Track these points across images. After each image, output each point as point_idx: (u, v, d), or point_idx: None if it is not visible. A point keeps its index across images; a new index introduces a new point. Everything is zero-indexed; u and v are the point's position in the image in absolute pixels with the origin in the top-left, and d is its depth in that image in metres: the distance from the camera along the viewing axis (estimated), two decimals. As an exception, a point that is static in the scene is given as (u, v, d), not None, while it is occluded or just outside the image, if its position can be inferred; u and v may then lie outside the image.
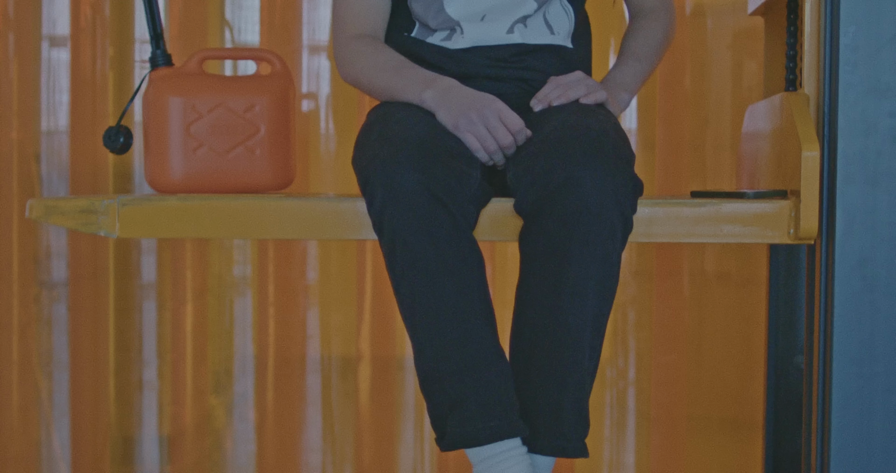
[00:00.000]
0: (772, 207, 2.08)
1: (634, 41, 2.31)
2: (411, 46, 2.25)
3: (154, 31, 2.54)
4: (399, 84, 2.15)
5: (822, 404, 2.09)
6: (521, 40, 2.23)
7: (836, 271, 2.05)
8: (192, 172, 2.45)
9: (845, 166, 2.05)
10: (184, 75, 2.49)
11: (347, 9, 2.26)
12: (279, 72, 2.52)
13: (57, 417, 3.36)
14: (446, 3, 2.22)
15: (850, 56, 2.05)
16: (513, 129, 2.02)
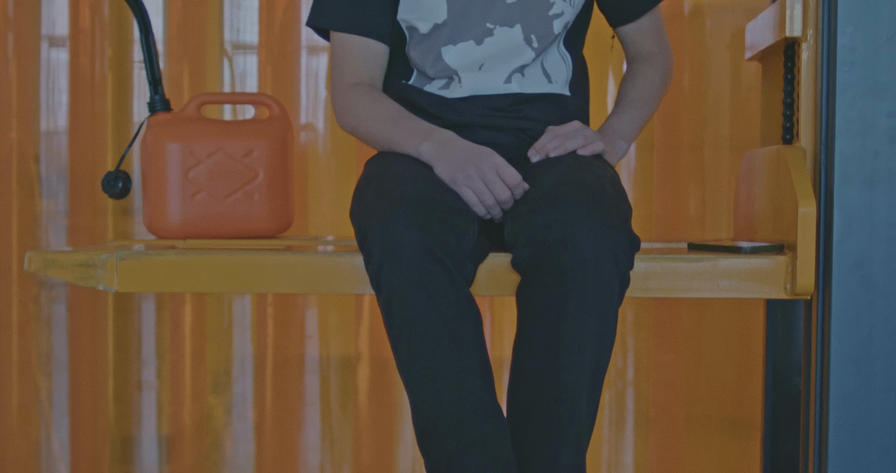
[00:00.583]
0: (768, 262, 2.08)
1: (632, 88, 2.30)
2: (409, 94, 2.25)
3: (152, 76, 2.55)
4: (397, 135, 2.14)
5: (821, 404, 2.09)
6: (519, 90, 2.22)
7: (834, 273, 2.06)
8: (190, 217, 2.46)
9: (843, 166, 2.05)
10: (182, 120, 2.49)
11: (345, 57, 2.25)
12: (277, 116, 2.53)
13: (56, 417, 3.36)
14: (444, 52, 2.21)
15: (848, 56, 2.05)
16: (510, 183, 2.02)
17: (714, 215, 3.24)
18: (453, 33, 2.21)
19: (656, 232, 3.23)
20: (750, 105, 3.20)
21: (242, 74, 3.33)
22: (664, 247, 2.43)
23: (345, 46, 2.24)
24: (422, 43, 2.23)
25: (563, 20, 2.23)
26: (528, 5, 2.21)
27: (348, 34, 2.23)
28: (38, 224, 3.34)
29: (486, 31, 2.20)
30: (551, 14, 2.21)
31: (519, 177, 2.02)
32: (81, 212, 3.32)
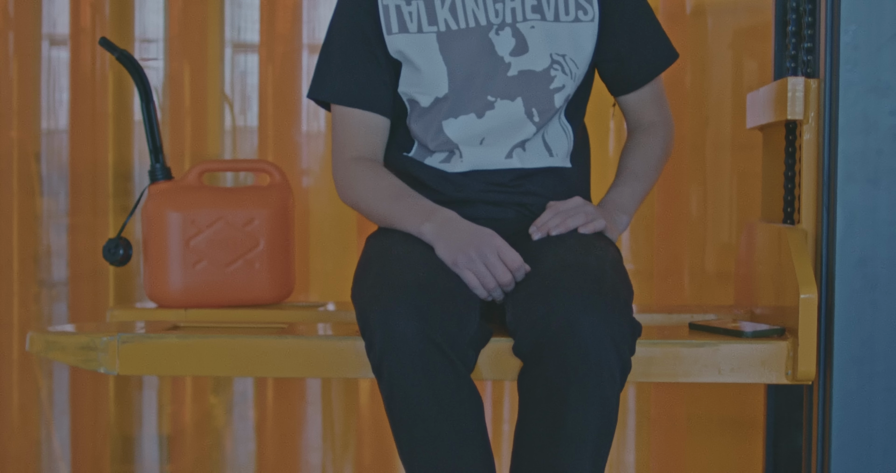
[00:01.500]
0: (770, 348, 2.08)
1: (633, 159, 2.29)
2: (409, 167, 2.24)
3: (153, 144, 2.56)
4: (398, 214, 2.13)
5: (823, 403, 2.09)
6: (520, 165, 2.21)
7: (837, 270, 2.05)
8: (191, 285, 2.47)
9: (846, 165, 2.05)
10: (183, 189, 2.51)
11: (346, 131, 2.24)
12: (278, 183, 2.54)
13: (57, 416, 3.36)
14: (445, 125, 2.20)
15: (851, 55, 2.05)
16: (511, 266, 2.01)
17: (716, 215, 3.24)
18: (454, 107, 2.19)
19: (658, 231, 3.23)
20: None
21: (243, 73, 3.32)
22: (665, 324, 2.43)
23: (346, 120, 2.23)
24: (423, 116, 2.22)
25: (565, 93, 2.22)
26: (529, 79, 2.20)
27: (349, 107, 2.22)
28: (39, 223, 3.34)
29: (487, 104, 2.19)
30: (552, 88, 2.20)
31: (520, 260, 2.02)
32: (82, 211, 3.31)
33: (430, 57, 2.19)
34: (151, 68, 3.32)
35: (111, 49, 2.57)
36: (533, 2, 2.20)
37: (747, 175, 3.19)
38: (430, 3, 2.20)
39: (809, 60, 2.21)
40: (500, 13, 2.20)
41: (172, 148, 3.29)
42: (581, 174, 2.28)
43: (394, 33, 2.20)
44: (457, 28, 2.20)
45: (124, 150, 3.33)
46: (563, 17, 2.22)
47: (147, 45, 3.32)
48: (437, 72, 2.19)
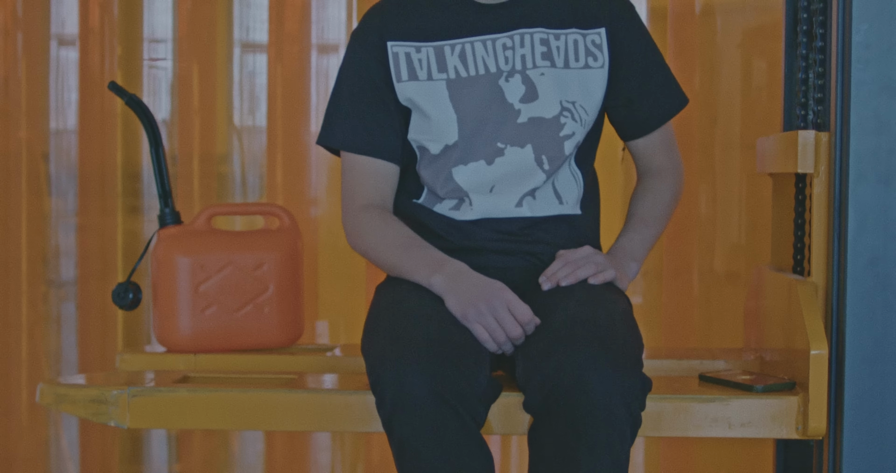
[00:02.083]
0: (780, 403, 2.07)
1: (642, 205, 2.28)
2: (419, 214, 2.23)
3: (162, 189, 2.57)
4: (408, 264, 2.12)
5: (835, 403, 2.08)
6: (530, 214, 2.21)
7: (849, 270, 2.05)
8: (201, 330, 2.48)
9: (857, 164, 2.05)
10: (192, 234, 2.51)
11: (355, 178, 2.22)
12: (287, 227, 2.55)
13: (65, 416, 3.36)
14: (455, 173, 2.19)
15: (863, 54, 2.04)
16: (522, 320, 2.00)
17: (724, 215, 3.24)
18: (464, 154, 2.19)
19: (667, 231, 3.23)
20: (761, 104, 3.19)
21: (252, 73, 3.32)
22: (675, 371, 2.43)
23: (355, 167, 2.22)
24: (433, 163, 2.21)
25: (574, 141, 2.21)
26: (539, 126, 2.19)
27: (359, 155, 2.22)
28: (48, 223, 3.34)
29: (496, 151, 2.18)
30: (562, 135, 2.19)
31: (530, 313, 2.01)
32: (90, 211, 3.31)
33: (439, 105, 2.18)
34: (160, 68, 3.32)
35: (120, 94, 2.58)
36: (542, 48, 2.20)
37: (756, 175, 3.19)
38: (440, 50, 2.19)
39: (821, 59, 2.21)
40: (509, 60, 2.19)
41: (181, 149, 3.29)
42: (591, 220, 2.27)
43: (403, 81, 2.19)
44: (466, 75, 2.19)
45: (133, 150, 3.33)
46: (573, 63, 2.21)
47: (156, 45, 3.32)
48: (447, 120, 2.18)
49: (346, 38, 3.31)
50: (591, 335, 1.92)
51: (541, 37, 2.20)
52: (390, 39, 2.20)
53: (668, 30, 3.21)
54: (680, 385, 2.18)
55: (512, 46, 2.19)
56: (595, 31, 2.22)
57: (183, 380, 2.23)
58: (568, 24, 2.22)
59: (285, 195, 3.28)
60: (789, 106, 2.46)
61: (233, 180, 3.31)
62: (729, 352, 2.55)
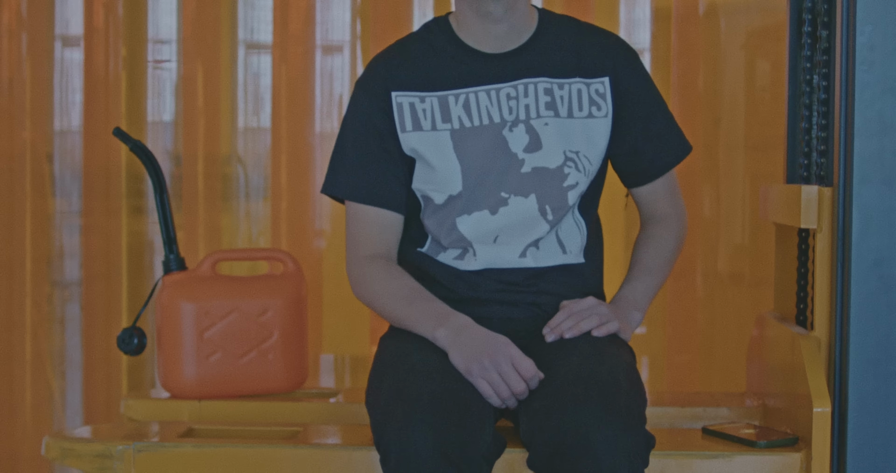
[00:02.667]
0: (783, 460, 2.08)
1: (646, 253, 2.28)
2: (422, 263, 2.23)
3: (167, 235, 2.57)
4: (412, 317, 2.13)
5: (839, 404, 2.09)
6: (534, 264, 2.20)
7: (853, 271, 2.05)
8: (205, 377, 2.49)
9: (861, 166, 2.05)
10: (197, 280, 2.52)
11: (360, 228, 2.22)
12: (291, 272, 2.55)
13: (70, 416, 3.36)
14: (459, 222, 2.19)
15: (867, 55, 2.04)
16: (525, 375, 2.01)
17: (728, 216, 3.24)
18: (468, 203, 2.18)
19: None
20: (765, 105, 3.19)
21: (256, 74, 3.33)
22: (678, 420, 2.43)
23: (359, 216, 2.22)
24: (437, 213, 2.21)
25: (578, 191, 2.21)
26: (543, 176, 2.19)
27: (363, 205, 2.22)
28: (52, 224, 3.34)
29: (500, 200, 2.18)
30: (566, 185, 2.19)
31: (534, 368, 2.02)
32: (95, 212, 3.32)
33: (443, 155, 2.18)
34: (165, 69, 3.33)
35: (125, 140, 2.59)
36: (546, 98, 2.20)
37: (760, 176, 3.19)
38: (444, 99, 2.19)
39: (825, 60, 2.21)
40: (513, 110, 2.19)
41: (185, 149, 3.29)
42: (594, 268, 2.27)
43: (408, 131, 2.19)
44: (470, 125, 2.19)
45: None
46: (577, 113, 2.21)
47: (160, 46, 3.33)
48: (451, 170, 2.18)
49: (350, 38, 3.32)
50: (595, 393, 1.93)
51: (545, 86, 2.20)
52: (394, 89, 2.20)
53: (671, 31, 3.22)
54: (683, 440, 2.19)
55: (516, 96, 2.19)
56: (599, 81, 2.23)
57: (187, 434, 2.25)
58: (572, 73, 2.22)
59: (289, 196, 3.29)
60: (793, 108, 2.46)
61: (237, 181, 3.32)
62: (732, 398, 2.55)
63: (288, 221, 3.29)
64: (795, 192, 2.15)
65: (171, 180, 3.32)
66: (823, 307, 2.13)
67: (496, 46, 2.21)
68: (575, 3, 3.22)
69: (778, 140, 2.60)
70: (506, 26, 2.20)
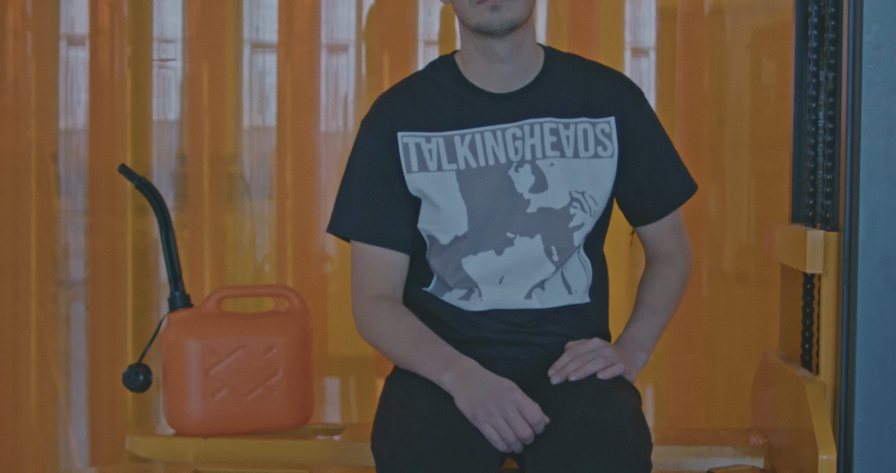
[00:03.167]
0: None
1: (651, 292, 2.28)
2: (428, 303, 2.23)
3: (172, 272, 2.58)
4: (418, 359, 2.13)
5: (845, 403, 2.08)
6: (540, 305, 2.20)
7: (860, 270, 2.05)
8: (210, 414, 2.51)
9: (868, 164, 2.04)
10: (202, 318, 2.53)
11: (365, 269, 2.22)
12: (297, 308, 2.56)
13: (74, 415, 3.36)
14: (465, 263, 2.19)
15: (874, 54, 2.04)
16: (531, 420, 2.00)
17: (734, 215, 3.24)
18: (474, 244, 2.18)
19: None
20: (770, 104, 3.19)
21: (262, 73, 3.33)
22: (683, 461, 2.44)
23: (365, 257, 2.22)
24: (442, 253, 2.21)
25: (584, 231, 2.21)
26: (549, 216, 2.19)
27: (369, 245, 2.22)
28: (57, 223, 3.35)
29: (506, 240, 2.18)
30: (571, 226, 2.19)
31: (540, 413, 2.02)
32: (100, 211, 3.32)
33: (449, 196, 2.18)
34: (170, 68, 3.33)
35: (130, 177, 2.60)
36: (552, 138, 2.19)
37: (765, 175, 3.19)
38: (450, 140, 2.19)
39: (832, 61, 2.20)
40: (519, 150, 2.19)
41: (191, 148, 3.29)
42: (600, 308, 2.28)
43: (413, 172, 2.19)
44: (476, 166, 2.18)
45: (142, 150, 3.34)
46: (583, 153, 2.21)
47: (165, 45, 3.33)
48: (457, 211, 2.18)
49: (355, 38, 3.32)
50: (602, 441, 1.93)
51: (550, 126, 2.20)
52: (400, 130, 2.20)
53: (677, 30, 3.22)
54: None
55: (522, 137, 2.19)
56: (605, 120, 2.22)
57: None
58: (577, 113, 2.22)
59: (294, 196, 3.29)
60: (799, 107, 2.46)
61: (242, 180, 3.32)
62: (737, 436, 2.56)
63: (293, 220, 3.29)
64: (801, 236, 2.15)
65: (176, 178, 3.32)
66: (829, 352, 2.13)
67: (502, 86, 2.21)
68: (580, 3, 3.22)
69: (784, 140, 2.60)
70: (511, 66, 2.19)
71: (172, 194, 3.33)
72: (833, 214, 2.17)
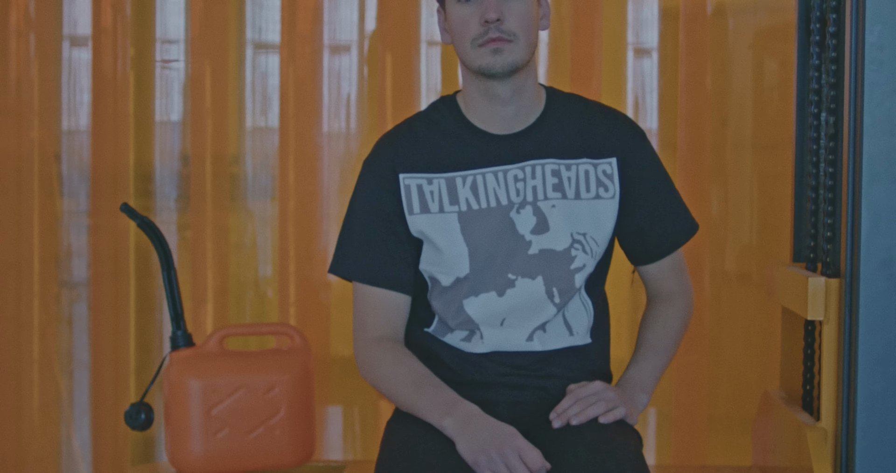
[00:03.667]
0: None
1: (652, 333, 2.28)
2: (429, 344, 2.23)
3: (174, 311, 2.59)
4: (419, 403, 2.13)
5: (847, 404, 2.08)
6: (541, 348, 2.20)
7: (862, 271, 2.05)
8: (213, 453, 2.52)
9: (871, 166, 2.04)
10: (204, 357, 2.54)
11: (367, 310, 2.23)
12: (298, 347, 2.57)
13: (77, 416, 3.36)
14: (466, 304, 2.19)
15: (876, 55, 2.04)
16: (533, 467, 2.01)
17: (736, 216, 3.23)
18: (475, 285, 2.19)
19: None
20: (773, 104, 3.19)
21: (264, 74, 3.33)
22: None
23: (367, 298, 2.23)
24: (444, 294, 2.21)
25: (585, 273, 2.21)
26: (550, 258, 2.19)
27: (371, 286, 2.22)
28: (60, 224, 3.35)
29: (507, 282, 2.18)
30: (573, 268, 2.19)
31: (541, 460, 2.02)
32: (102, 211, 3.32)
33: (451, 238, 2.19)
34: (173, 69, 3.33)
35: (133, 216, 2.61)
36: (554, 180, 2.20)
37: (768, 175, 3.19)
38: (452, 181, 2.20)
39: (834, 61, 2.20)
40: (521, 192, 2.19)
41: (193, 149, 3.29)
42: (601, 347, 2.28)
43: (415, 214, 2.19)
44: (478, 207, 2.19)
45: (145, 150, 3.34)
46: (584, 194, 2.21)
47: (168, 45, 3.33)
48: (459, 253, 2.18)
49: (358, 38, 3.32)
50: None
51: (552, 168, 2.20)
52: (402, 171, 2.20)
53: (679, 30, 3.21)
54: None
55: (523, 178, 2.19)
56: (606, 161, 2.23)
57: None
58: (579, 154, 2.22)
59: (297, 196, 3.29)
60: (801, 107, 2.46)
61: (245, 181, 3.32)
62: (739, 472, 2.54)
63: (295, 220, 3.29)
64: (802, 283, 2.15)
65: (178, 179, 3.33)
66: (830, 398, 2.13)
67: (503, 127, 2.21)
68: (583, 3, 3.22)
69: (786, 140, 2.60)
70: (513, 108, 2.20)
71: (175, 194, 3.34)
72: (834, 258, 2.17)
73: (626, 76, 3.25)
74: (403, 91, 3.26)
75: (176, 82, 3.31)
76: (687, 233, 2.30)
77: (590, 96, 2.38)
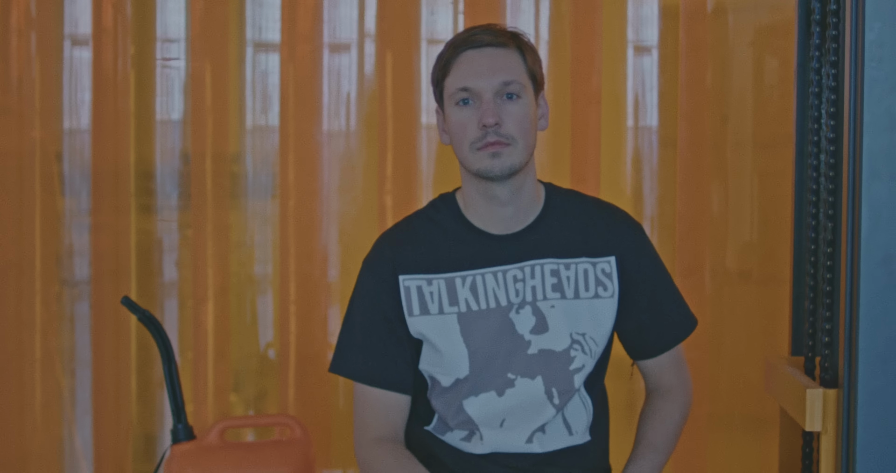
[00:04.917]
0: None
1: (651, 429, 2.29)
2: (429, 443, 2.24)
3: (175, 405, 2.60)
4: None
5: (848, 402, 2.08)
6: (541, 450, 2.21)
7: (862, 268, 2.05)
8: None
9: (871, 163, 2.04)
10: (205, 450, 2.55)
11: (367, 411, 2.23)
12: (299, 438, 2.57)
13: (79, 415, 3.37)
14: (466, 404, 2.20)
15: (876, 52, 2.04)
16: None
17: (736, 213, 3.24)
18: (475, 386, 2.19)
19: (679, 230, 3.23)
20: (773, 102, 3.19)
21: (264, 73, 3.33)
22: None
23: (367, 398, 2.23)
24: (444, 394, 2.22)
25: (584, 373, 2.21)
26: (549, 358, 2.19)
27: (371, 387, 2.22)
28: (61, 223, 3.35)
29: (507, 382, 2.18)
30: (572, 368, 2.20)
31: None
32: (104, 210, 3.32)
33: (450, 339, 2.18)
34: (173, 68, 3.33)
35: (133, 309, 2.62)
36: (553, 280, 2.20)
37: (768, 173, 3.19)
38: (451, 282, 2.20)
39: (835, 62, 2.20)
40: (520, 293, 2.19)
41: (194, 148, 3.30)
42: (600, 444, 2.29)
43: (415, 315, 2.19)
44: (477, 309, 2.19)
45: (146, 149, 3.35)
46: (583, 293, 2.21)
47: (168, 44, 3.33)
48: (458, 354, 2.18)
49: (357, 37, 3.32)
50: None
51: (551, 268, 2.20)
52: (402, 273, 2.20)
53: (680, 28, 3.22)
54: None
55: (522, 278, 2.19)
56: (605, 260, 2.23)
57: None
58: (578, 252, 2.22)
59: (297, 194, 3.29)
60: (801, 105, 2.46)
61: (245, 179, 3.32)
62: None
63: (295, 219, 3.30)
64: (800, 394, 2.14)
65: (179, 178, 3.33)
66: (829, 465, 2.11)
67: (503, 227, 2.21)
68: (583, 1, 3.22)
69: (786, 137, 2.60)
70: (512, 209, 2.20)
71: (176, 193, 3.34)
72: (833, 362, 2.16)
73: (626, 74, 3.26)
74: (403, 90, 3.27)
75: (176, 81, 3.32)
76: (686, 329, 2.31)
77: (590, 95, 2.39)
